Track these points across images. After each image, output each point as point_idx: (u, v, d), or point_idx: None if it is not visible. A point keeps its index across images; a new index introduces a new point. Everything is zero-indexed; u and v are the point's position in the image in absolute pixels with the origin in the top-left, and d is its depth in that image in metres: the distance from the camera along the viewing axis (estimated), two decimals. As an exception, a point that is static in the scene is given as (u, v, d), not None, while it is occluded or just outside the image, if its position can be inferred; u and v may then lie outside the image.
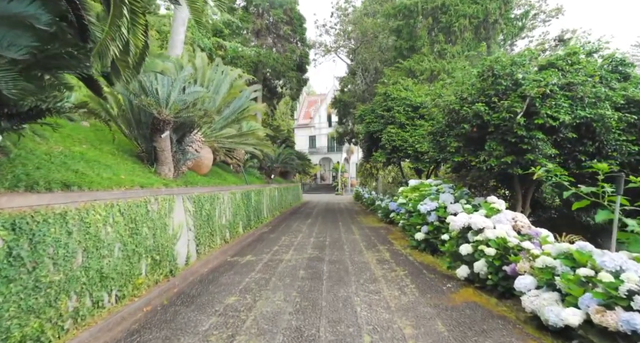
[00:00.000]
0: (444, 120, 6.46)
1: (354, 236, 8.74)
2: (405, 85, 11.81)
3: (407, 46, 14.26)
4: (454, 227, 4.68)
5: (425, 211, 6.52)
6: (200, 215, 6.22)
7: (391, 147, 10.63)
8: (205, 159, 8.20)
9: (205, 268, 5.59)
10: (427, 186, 8.21)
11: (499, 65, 5.54)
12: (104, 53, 2.04)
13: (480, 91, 5.83)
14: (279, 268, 5.47)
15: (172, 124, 5.89)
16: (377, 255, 6.45)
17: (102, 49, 2.02)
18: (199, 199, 6.19)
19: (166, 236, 4.85)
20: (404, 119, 10.79)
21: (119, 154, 5.82)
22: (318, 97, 52.46)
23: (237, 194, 8.77)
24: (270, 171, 15.38)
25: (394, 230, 9.67)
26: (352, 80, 22.13)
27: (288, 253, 6.70)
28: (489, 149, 5.52)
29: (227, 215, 7.86)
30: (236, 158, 9.52)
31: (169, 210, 5.03)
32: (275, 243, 7.78)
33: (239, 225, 8.70)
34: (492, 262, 3.94)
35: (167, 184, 5.54)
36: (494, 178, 8.16)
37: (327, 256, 6.37)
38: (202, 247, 6.15)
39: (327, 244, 7.62)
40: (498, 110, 5.42)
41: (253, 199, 10.43)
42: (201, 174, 8.22)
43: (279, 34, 21.01)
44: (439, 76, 12.96)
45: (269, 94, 23.19)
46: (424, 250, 6.61)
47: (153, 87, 5.14)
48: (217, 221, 7.11)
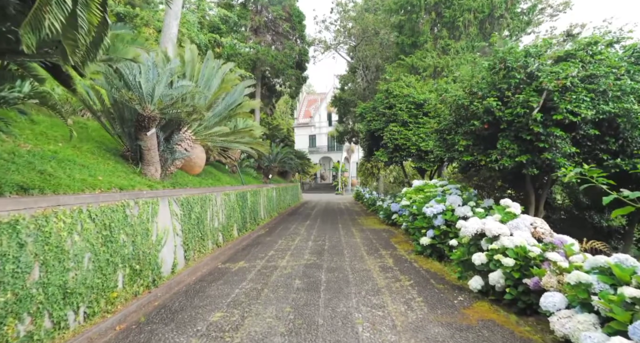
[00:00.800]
0: (451, 117, 6.01)
1: (355, 240, 8.31)
2: (408, 82, 11.36)
3: (409, 42, 13.80)
4: (465, 233, 4.24)
5: (431, 214, 6.08)
6: (189, 219, 5.78)
7: (393, 146, 10.19)
8: (197, 159, 7.77)
9: (193, 277, 5.16)
10: (432, 187, 7.77)
11: (512, 57, 5.10)
12: (37, 25, 1.60)
13: (491, 85, 5.39)
14: (272, 277, 5.04)
15: (159, 120, 5.46)
16: (379, 261, 6.01)
17: (35, 19, 1.58)
18: (187, 201, 5.75)
19: (148, 243, 4.41)
20: (406, 117, 10.34)
21: (101, 153, 5.38)
22: (318, 95, 52.01)
23: (231, 195, 8.34)
24: (268, 171, 14.95)
25: (397, 233, 9.24)
26: (352, 78, 21.67)
27: (284, 259, 6.27)
28: (501, 147, 5.08)
29: (220, 217, 7.43)
30: (231, 157, 9.08)
31: (152, 214, 4.60)
32: (270, 248, 7.34)
33: (233, 228, 8.27)
34: (510, 273, 3.50)
35: (152, 186, 5.11)
36: (501, 179, 7.73)
37: (325, 262, 5.93)
38: (191, 253, 5.72)
39: (325, 249, 7.18)
40: (511, 105, 4.98)
41: (249, 200, 10.00)
42: (193, 175, 7.79)
43: (278, 31, 20.56)
44: (442, 72, 12.52)
45: (267, 93, 22.75)
46: (429, 256, 6.17)
47: (136, 80, 4.70)
48: (208, 224, 6.68)
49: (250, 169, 12.47)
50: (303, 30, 20.18)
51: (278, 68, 18.55)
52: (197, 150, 7.80)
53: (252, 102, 6.17)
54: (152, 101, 4.97)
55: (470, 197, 6.25)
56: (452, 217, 5.85)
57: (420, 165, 9.93)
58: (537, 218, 4.00)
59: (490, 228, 3.95)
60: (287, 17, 19.61)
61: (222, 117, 6.03)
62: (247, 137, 6.62)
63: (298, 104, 51.38)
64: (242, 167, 12.07)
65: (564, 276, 2.87)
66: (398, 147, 10.19)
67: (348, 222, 11.87)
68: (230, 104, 6.03)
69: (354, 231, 9.72)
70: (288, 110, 52.70)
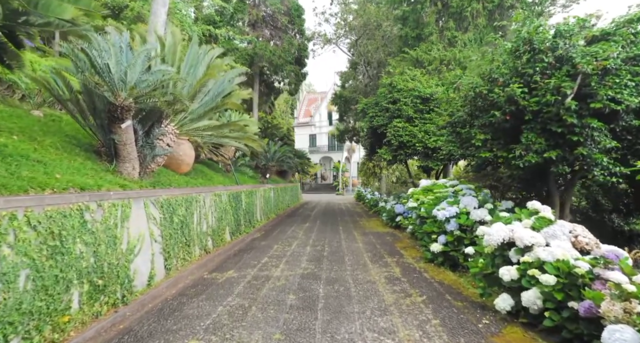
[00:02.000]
0: (466, 108, 5.35)
1: (357, 244, 7.65)
2: (413, 75, 10.70)
3: (413, 35, 13.14)
4: (489, 242, 3.57)
5: (442, 218, 5.42)
6: (171, 223, 5.13)
7: (397, 143, 9.52)
8: (184, 156, 7.12)
9: (173, 290, 4.50)
10: (441, 187, 7.11)
11: (539, 37, 4.43)
12: None
13: (513, 71, 4.73)
14: (263, 290, 4.38)
15: (134, 111, 4.80)
16: (385, 271, 5.35)
17: None
18: (168, 203, 5.10)
19: (117, 252, 3.76)
20: (411, 112, 9.68)
21: (69, 148, 4.73)
22: (318, 94, 51.38)
23: (222, 196, 7.69)
24: (265, 170, 14.29)
25: (402, 237, 8.57)
26: (353, 75, 20.99)
27: (278, 267, 5.61)
28: (526, 141, 4.41)
29: (209, 220, 6.77)
30: (224, 155, 8.42)
31: (123, 219, 3.95)
32: (265, 254, 6.69)
33: (225, 231, 7.62)
34: (550, 294, 2.84)
35: (126, 185, 4.46)
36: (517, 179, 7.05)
37: (324, 272, 5.27)
38: (172, 262, 5.07)
39: (325, 255, 6.53)
40: (539, 93, 4.32)
41: (244, 201, 9.34)
42: (180, 173, 7.14)
43: (277, 26, 19.89)
44: (449, 66, 11.85)
45: (266, 90, 22.10)
46: (441, 265, 5.51)
47: (102, 62, 4.04)
48: (195, 228, 6.03)
49: (246, 168, 11.82)
50: (302, 25, 19.52)
51: (276, 64, 17.89)
52: (184, 146, 7.15)
53: (243, 92, 5.52)
54: (124, 88, 4.31)
55: (487, 198, 5.59)
56: (467, 221, 5.19)
57: (427, 163, 9.28)
58: (578, 225, 3.34)
59: (521, 236, 3.29)
60: (285, 11, 18.95)
61: (209, 108, 5.38)
62: (237, 131, 5.96)
63: (298, 103, 50.80)
64: (237, 166, 11.42)
65: (632, 303, 2.21)
66: (403, 144, 9.53)
67: (349, 224, 11.21)
68: (218, 93, 5.38)
69: (355, 234, 9.06)
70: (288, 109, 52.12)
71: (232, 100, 5.18)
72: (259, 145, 6.27)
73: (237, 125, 5.66)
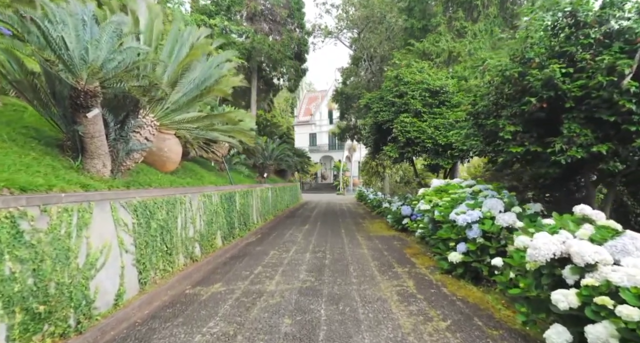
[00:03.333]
0: (491, 96, 4.61)
1: (362, 250, 6.92)
2: (420, 67, 9.96)
3: (419, 26, 12.40)
4: (535, 257, 2.83)
5: (463, 223, 4.68)
6: (148, 229, 4.40)
7: (405, 140, 8.79)
8: (170, 152, 6.39)
9: (146, 310, 3.78)
10: (456, 187, 6.38)
11: (584, 8, 3.70)
12: None
13: (549, 50, 4.00)
14: (253, 311, 3.65)
15: (102, 98, 4.07)
16: (396, 284, 4.62)
17: None
18: (144, 206, 4.36)
19: (70, 268, 3.03)
20: (420, 106, 8.94)
21: (22, 141, 4.00)
22: (319, 93, 50.67)
23: (213, 197, 6.96)
24: (263, 169, 13.56)
25: (410, 242, 7.84)
26: (355, 71, 20.24)
27: (273, 279, 4.88)
28: (568, 133, 3.68)
29: (197, 224, 6.05)
30: (214, 152, 7.69)
31: (80, 226, 3.22)
32: (259, 262, 5.96)
33: (215, 236, 6.89)
34: (635, 334, 2.10)
35: (89, 185, 3.73)
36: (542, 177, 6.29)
37: (326, 286, 4.54)
38: (149, 274, 4.33)
39: (326, 264, 5.80)
40: (585, 75, 3.59)
41: (238, 202, 8.62)
42: (165, 172, 6.41)
43: (275, 20, 19.15)
44: (458, 58, 11.12)
45: (264, 86, 21.37)
46: (461, 277, 4.77)
47: (55, 35, 3.30)
48: (179, 234, 5.30)
49: (241, 167, 11.10)
50: (302, 18, 18.79)
51: (275, 58, 17.16)
52: (170, 142, 6.42)
53: (234, 79, 4.79)
54: (87, 68, 3.58)
55: (513, 201, 4.85)
56: (493, 227, 4.46)
57: (436, 161, 8.54)
58: (653, 236, 2.60)
59: (581, 251, 2.55)
60: (284, 4, 18.22)
61: (194, 96, 4.65)
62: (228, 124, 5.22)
63: (298, 102, 50.12)
64: (232, 165, 10.70)
65: None
66: (410, 140, 8.79)
67: (352, 227, 10.48)
68: (204, 80, 4.65)
69: (359, 238, 8.33)
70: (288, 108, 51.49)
71: (220, 87, 4.45)
72: (251, 140, 5.54)
73: (227, 117, 4.93)
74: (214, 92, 4.42)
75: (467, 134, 5.14)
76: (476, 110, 4.73)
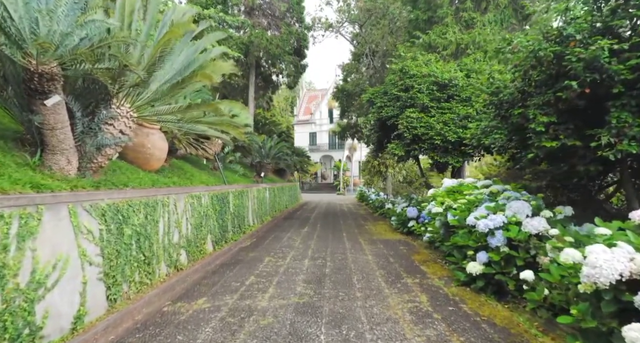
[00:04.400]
0: (518, 82, 3.99)
1: (365, 256, 6.31)
2: (427, 60, 9.35)
3: (424, 17, 11.78)
4: (596, 278, 2.22)
5: (484, 228, 4.07)
6: (120, 236, 3.79)
7: (411, 137, 8.17)
8: (155, 149, 5.78)
9: (112, 335, 3.16)
10: (470, 188, 5.77)
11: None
12: None
13: (590, 27, 3.39)
14: (239, 338, 3.04)
15: (63, 82, 3.46)
16: (407, 299, 4.01)
17: None
18: (116, 210, 3.75)
19: (4, 291, 2.42)
20: (427, 101, 8.32)
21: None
22: (319, 92, 50.10)
23: (203, 198, 6.35)
24: (260, 168, 12.95)
25: (417, 246, 7.23)
26: (356, 67, 19.61)
27: (266, 293, 4.27)
28: (618, 123, 3.07)
29: (183, 229, 5.44)
30: (205, 149, 7.07)
31: (22, 236, 2.60)
32: (252, 270, 5.35)
33: (205, 240, 6.28)
34: None
35: (43, 186, 3.12)
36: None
37: (326, 302, 3.93)
38: (121, 289, 3.72)
39: (327, 273, 5.19)
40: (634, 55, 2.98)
41: (232, 204, 8.01)
42: (149, 170, 5.80)
43: (274, 14, 18.52)
44: (467, 50, 10.50)
45: (263, 83, 20.75)
46: (482, 291, 4.17)
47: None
48: (161, 240, 4.69)
49: (237, 166, 10.49)
50: (302, 12, 18.15)
51: (274, 53, 16.53)
52: (154, 137, 5.81)
53: (224, 65, 4.16)
54: (37, 44, 2.97)
55: (540, 204, 4.24)
56: (520, 234, 3.85)
57: (445, 159, 7.93)
58: None
59: (662, 274, 1.94)
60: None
61: (175, 83, 4.03)
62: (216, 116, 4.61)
63: (298, 101, 49.53)
64: (227, 163, 10.09)
65: None
66: (417, 137, 8.17)
67: (353, 229, 9.87)
68: (188, 64, 4.03)
69: (362, 243, 7.72)
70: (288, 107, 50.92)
71: (206, 72, 3.83)
72: (242, 133, 4.91)
73: (214, 107, 4.30)
74: (199, 77, 3.80)
75: (488, 127, 4.52)
76: (500, 99, 4.11)
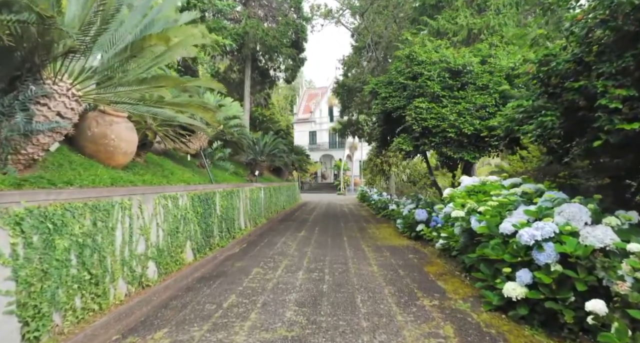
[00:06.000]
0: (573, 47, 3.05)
1: (370, 268, 5.38)
2: (437, 45, 8.42)
3: (432, 2, 10.86)
4: None
5: (530, 240, 3.14)
6: (49, 250, 2.86)
7: (421, 130, 7.23)
8: (120, 141, 4.86)
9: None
10: (496, 187, 4.84)
11: None
12: None
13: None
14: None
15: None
16: (427, 332, 3.08)
17: None
18: (41, 216, 2.82)
19: None
20: (438, 89, 7.38)
21: None
22: (319, 90, 49.19)
23: (181, 199, 5.43)
24: (254, 166, 12.03)
25: (428, 254, 6.30)
26: (357, 61, 18.66)
27: (247, 320, 3.34)
28: None
29: (152, 236, 4.52)
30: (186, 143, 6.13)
31: None
32: (235, 286, 4.42)
33: (183, 248, 5.36)
34: None
35: None
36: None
37: (322, 337, 3.00)
38: (48, 323, 2.79)
39: (324, 291, 4.26)
40: None
41: (219, 205, 7.09)
42: (113, 166, 4.88)
43: (271, 5, 17.61)
44: (480, 36, 9.57)
45: (259, 78, 19.82)
46: (524, 320, 3.23)
47: None
48: (118, 252, 3.77)
49: (226, 163, 9.56)
50: (301, 2, 17.23)
51: (270, 45, 15.60)
52: (118, 126, 4.88)
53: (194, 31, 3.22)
54: None
55: (597, 208, 3.30)
56: (579, 248, 2.91)
57: (460, 155, 6.99)
58: None
59: None
60: (281, -14, 16.67)
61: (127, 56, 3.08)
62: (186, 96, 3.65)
63: (298, 99, 48.62)
64: (216, 160, 9.17)
65: None
66: (427, 130, 7.24)
67: (355, 233, 8.95)
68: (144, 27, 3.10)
69: (365, 250, 6.79)
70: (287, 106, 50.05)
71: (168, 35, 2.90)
72: (214, 117, 3.95)
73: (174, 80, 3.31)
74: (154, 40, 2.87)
75: (530, 108, 3.57)
76: (550, 70, 3.16)
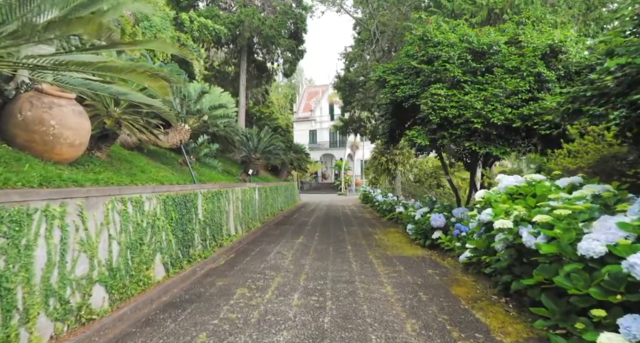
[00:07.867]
0: None
1: (383, 288, 4.30)
2: (455, 25, 7.34)
3: (445, -18, 9.77)
4: None
5: None
6: None
7: (439, 120, 6.14)
8: (63, 128, 3.78)
9: None
10: (547, 189, 3.74)
11: None
12: None
13: None
14: None
15: None
16: None
17: None
18: None
19: None
20: (459, 73, 6.30)
21: None
22: (319, 88, 48.10)
23: (148, 203, 4.36)
24: (248, 164, 10.94)
25: (450, 269, 5.22)
26: (360, 54, 17.60)
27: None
28: None
29: (100, 252, 3.44)
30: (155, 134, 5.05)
31: None
32: (208, 318, 3.34)
33: (151, 264, 4.28)
34: None
35: None
36: None
37: None
38: None
39: (326, 327, 3.18)
40: None
41: (201, 208, 6.02)
42: (55, 160, 3.80)
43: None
44: (503, 16, 8.49)
45: (256, 72, 18.74)
46: (629, 392, 2.14)
47: None
48: (38, 280, 2.69)
49: (214, 161, 8.49)
50: (299, -11, 16.16)
51: (267, 35, 14.52)
52: (63, 110, 3.81)
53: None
54: None
55: None
56: None
57: (488, 149, 5.89)
58: None
59: None
60: (279, -27, 15.58)
61: None
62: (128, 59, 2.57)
63: (298, 97, 47.58)
64: (202, 156, 8.09)
65: None
66: (447, 121, 6.15)
67: (360, 240, 7.86)
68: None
69: (374, 262, 5.70)
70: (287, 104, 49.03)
71: None
72: (164, 88, 2.85)
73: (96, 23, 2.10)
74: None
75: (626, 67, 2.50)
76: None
